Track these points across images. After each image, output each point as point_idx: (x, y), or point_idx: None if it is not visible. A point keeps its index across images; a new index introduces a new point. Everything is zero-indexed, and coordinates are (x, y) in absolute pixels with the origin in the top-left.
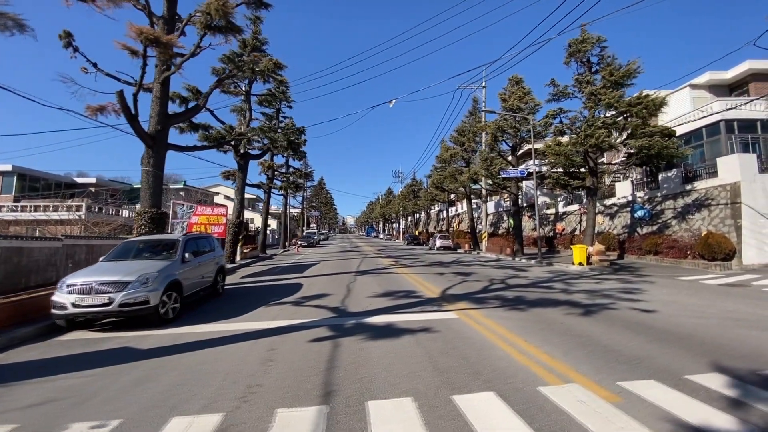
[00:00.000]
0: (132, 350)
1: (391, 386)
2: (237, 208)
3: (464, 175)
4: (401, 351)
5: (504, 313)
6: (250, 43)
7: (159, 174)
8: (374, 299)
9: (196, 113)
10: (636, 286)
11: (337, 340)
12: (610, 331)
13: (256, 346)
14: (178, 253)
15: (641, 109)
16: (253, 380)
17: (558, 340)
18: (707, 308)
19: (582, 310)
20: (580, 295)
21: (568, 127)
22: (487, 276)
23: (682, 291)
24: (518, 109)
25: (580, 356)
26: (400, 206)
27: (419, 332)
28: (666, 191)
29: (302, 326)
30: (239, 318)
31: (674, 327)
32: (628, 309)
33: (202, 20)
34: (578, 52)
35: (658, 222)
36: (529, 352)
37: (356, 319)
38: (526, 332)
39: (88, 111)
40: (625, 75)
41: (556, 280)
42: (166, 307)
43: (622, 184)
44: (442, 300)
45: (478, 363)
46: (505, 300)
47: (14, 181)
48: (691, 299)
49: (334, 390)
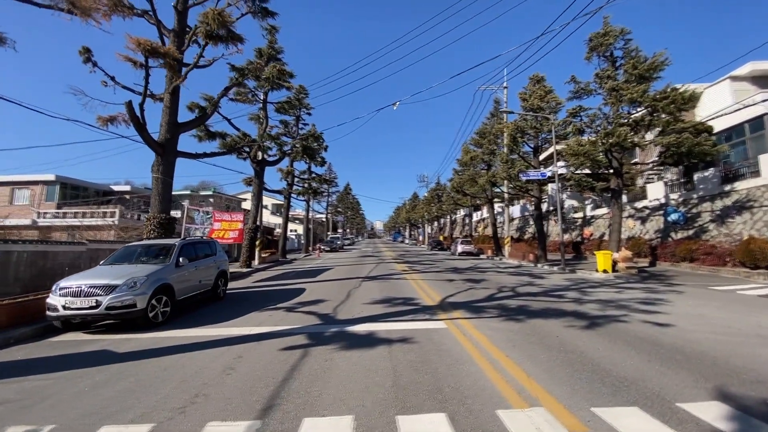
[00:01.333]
0: (109, 353)
1: (338, 402)
2: (253, 213)
3: (483, 178)
4: (368, 363)
5: (497, 324)
6: (265, 52)
7: (168, 181)
8: (369, 306)
9: (203, 122)
10: (660, 297)
11: (310, 349)
12: (610, 346)
13: (227, 353)
14: (172, 258)
15: (668, 104)
16: (203, 389)
17: (544, 356)
18: (736, 323)
19: (586, 323)
20: (591, 306)
21: (587, 125)
22: (498, 283)
23: (712, 302)
24: (539, 109)
25: (561, 375)
26: (424, 211)
27: (397, 343)
28: (703, 192)
29: (283, 333)
30: (227, 323)
31: (687, 344)
32: (640, 322)
33: (203, 30)
34: (600, 46)
35: (694, 226)
36: (504, 369)
37: (340, 327)
38: (511, 346)
39: (99, 122)
40: (650, 68)
41: (572, 289)
42: (155, 311)
43: (654, 185)
44: (439, 308)
45: (444, 379)
46: (506, 309)
47: (57, 190)
48: (720, 312)
49: (278, 404)
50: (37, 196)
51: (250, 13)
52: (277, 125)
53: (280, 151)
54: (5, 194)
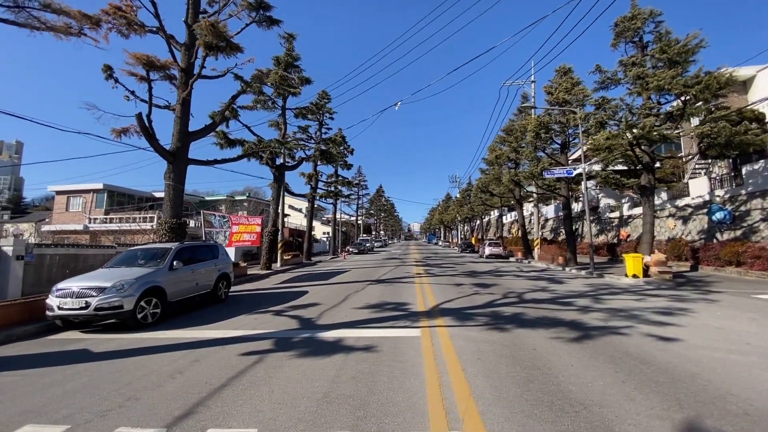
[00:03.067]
0: (85, 353)
1: (256, 413)
2: (273, 217)
3: (506, 177)
4: (313, 372)
5: (477, 334)
6: (283, 59)
7: (179, 187)
8: (358, 311)
9: (212, 130)
10: (685, 306)
11: (267, 355)
12: (587, 363)
13: (188, 356)
14: (166, 261)
15: (700, 90)
16: (139, 393)
17: (504, 372)
18: (760, 340)
19: (578, 334)
20: (596, 315)
21: (610, 117)
22: (507, 289)
23: (746, 314)
24: (564, 103)
25: (509, 395)
26: (456, 212)
27: (358, 351)
28: (752, 188)
29: (254, 337)
30: (211, 325)
31: (683, 363)
32: (642, 335)
33: (202, 42)
34: (627, 31)
35: (742, 226)
36: (450, 385)
37: (313, 332)
38: (476, 359)
39: (113, 133)
40: (681, 51)
41: (587, 296)
42: (143, 312)
43: (697, 180)
44: (426, 315)
45: (378, 394)
46: (497, 317)
47: (105, 198)
48: (749, 326)
49: (196, 412)
50: (88, 203)
51: (255, 23)
52: (298, 131)
53: (290, 155)
54: (62, 202)
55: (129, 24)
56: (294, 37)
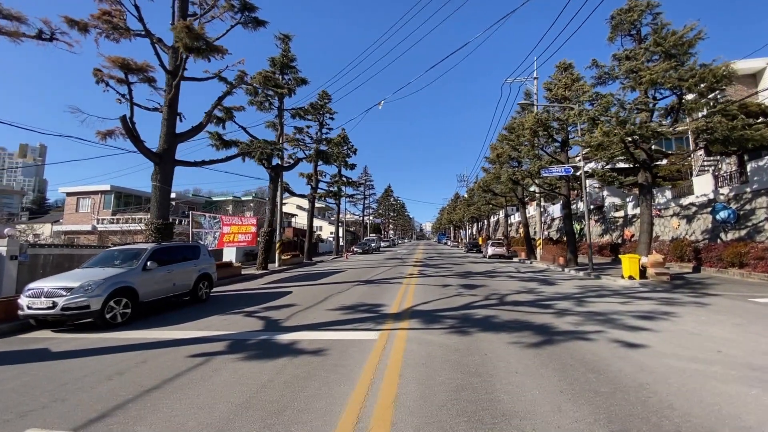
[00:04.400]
0: (43, 352)
1: (165, 419)
2: (269, 217)
3: (504, 176)
4: (249, 376)
5: (436, 337)
6: (278, 60)
7: (166, 188)
8: (329, 312)
9: (199, 132)
10: (671, 310)
11: (216, 357)
12: (534, 370)
13: (137, 357)
14: (140, 262)
15: (695, 83)
16: (69, 395)
17: (442, 379)
18: (736, 348)
19: (541, 339)
20: (572, 319)
21: (601, 113)
22: (493, 290)
23: (732, 319)
24: (564, 99)
25: (432, 405)
26: (462, 212)
27: (306, 354)
28: (758, 185)
29: (212, 338)
30: (178, 326)
31: (637, 372)
32: (609, 341)
33: (181, 44)
34: (624, 24)
35: (747, 225)
36: (377, 393)
37: (274, 334)
38: (421, 364)
39: (98, 136)
40: (677, 44)
41: (573, 298)
42: (113, 312)
43: (701, 178)
44: (395, 317)
45: (296, 402)
46: (466, 320)
47: (112, 199)
48: (729, 332)
49: (107, 417)
50: (96, 204)
51: (240, 24)
52: (297, 132)
53: (281, 156)
54: (72, 203)
55: (114, 28)
56: (290, 38)
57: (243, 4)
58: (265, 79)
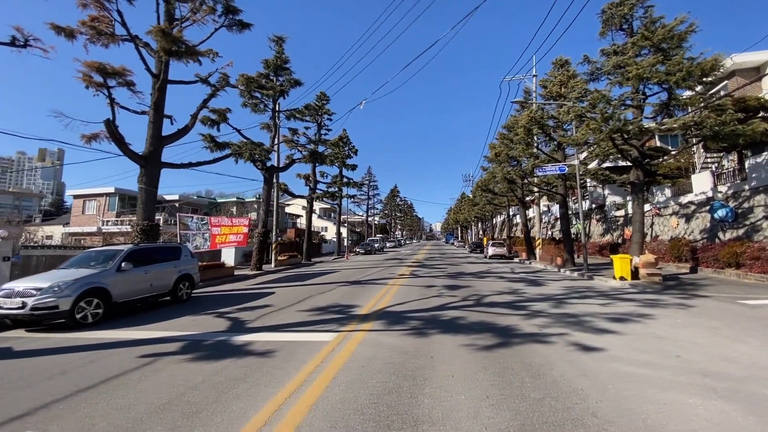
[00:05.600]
0: (4, 351)
1: (80, 419)
2: (263, 218)
3: (499, 175)
4: (184, 378)
5: (390, 339)
6: (272, 62)
7: (152, 191)
8: (300, 313)
9: (185, 134)
10: (650, 312)
11: (164, 358)
12: (470, 375)
13: (90, 356)
14: (114, 263)
15: (683, 78)
16: (2, 393)
17: (373, 382)
18: (699, 353)
19: (497, 342)
20: (540, 321)
21: (588, 110)
22: (476, 291)
23: (710, 322)
24: (559, 96)
25: (348, 410)
26: (467, 212)
27: (252, 356)
28: (756, 182)
29: (172, 338)
30: (147, 326)
31: (578, 377)
32: (566, 344)
33: (159, 47)
34: (615, 18)
35: (745, 224)
36: (299, 396)
37: (232, 335)
38: (360, 367)
39: (83, 139)
40: (666, 37)
41: (554, 299)
42: (83, 312)
43: (700, 176)
44: (362, 318)
45: (217, 403)
46: (431, 322)
47: (116, 201)
48: (699, 336)
49: (27, 416)
50: (101, 206)
51: (225, 27)
52: (298, 133)
53: (265, 157)
54: (79, 206)
55: (99, 34)
56: (283, 40)
57: (226, 6)
58: (248, 81)
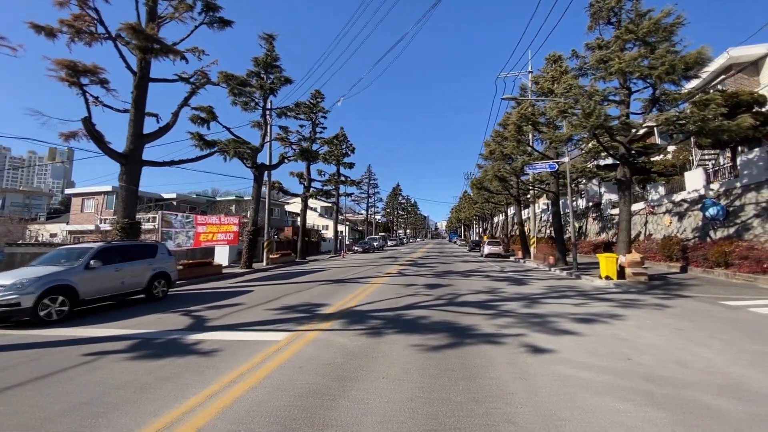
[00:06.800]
0: None
1: None
2: (253, 216)
3: (489, 173)
4: (112, 377)
5: (342, 339)
6: (261, 60)
7: (132, 189)
8: (266, 312)
9: (166, 132)
10: (623, 312)
11: (107, 356)
12: (404, 377)
13: (35, 354)
14: (83, 261)
15: (665, 72)
16: None
17: (300, 383)
18: (651, 355)
19: (449, 342)
20: (503, 320)
21: (571, 105)
22: (454, 290)
23: (681, 323)
24: (550, 93)
25: (259, 413)
26: (468, 210)
27: (194, 355)
28: (747, 180)
29: (126, 336)
30: (109, 324)
31: (514, 380)
32: (518, 346)
33: (134, 45)
34: (602, 11)
35: (736, 222)
36: (219, 397)
37: (187, 334)
38: (294, 368)
39: (61, 137)
40: (651, 30)
41: (530, 299)
42: (47, 310)
43: (693, 173)
44: (325, 317)
45: (126, 404)
46: (393, 321)
47: (114, 199)
48: (663, 338)
49: None
50: (99, 205)
51: (205, 25)
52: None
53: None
54: (78, 204)
55: (78, 32)
56: (273, 37)
57: (206, 4)
58: (227, 78)
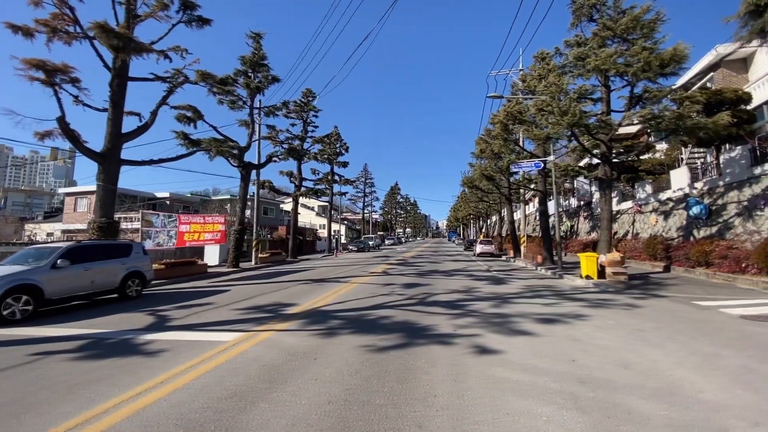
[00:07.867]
0: None
1: None
2: (239, 215)
3: (476, 172)
4: (48, 377)
5: (293, 339)
6: (248, 59)
7: (110, 188)
8: (232, 311)
9: (144, 131)
10: (588, 313)
11: (52, 356)
12: (336, 379)
13: None
14: (49, 260)
15: (640, 69)
16: None
17: (230, 384)
18: (598, 357)
19: (400, 342)
20: (466, 320)
21: (548, 103)
22: (430, 290)
23: (641, 324)
24: (536, 90)
25: (173, 415)
26: (463, 210)
27: (137, 356)
28: (730, 178)
29: (79, 336)
30: (71, 324)
31: (447, 382)
32: (468, 346)
33: (104, 43)
34: (583, 9)
35: (718, 221)
36: (141, 397)
37: (141, 334)
38: (230, 369)
39: (36, 137)
40: (629, 27)
41: (503, 299)
42: (10, 309)
43: (678, 171)
44: (287, 317)
45: (47, 404)
46: (353, 322)
47: None
48: (616, 340)
49: None
50: (91, 204)
51: (183, 23)
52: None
53: (236, 155)
54: (71, 203)
55: (54, 31)
56: (261, 36)
57: (183, 2)
58: (204, 76)
